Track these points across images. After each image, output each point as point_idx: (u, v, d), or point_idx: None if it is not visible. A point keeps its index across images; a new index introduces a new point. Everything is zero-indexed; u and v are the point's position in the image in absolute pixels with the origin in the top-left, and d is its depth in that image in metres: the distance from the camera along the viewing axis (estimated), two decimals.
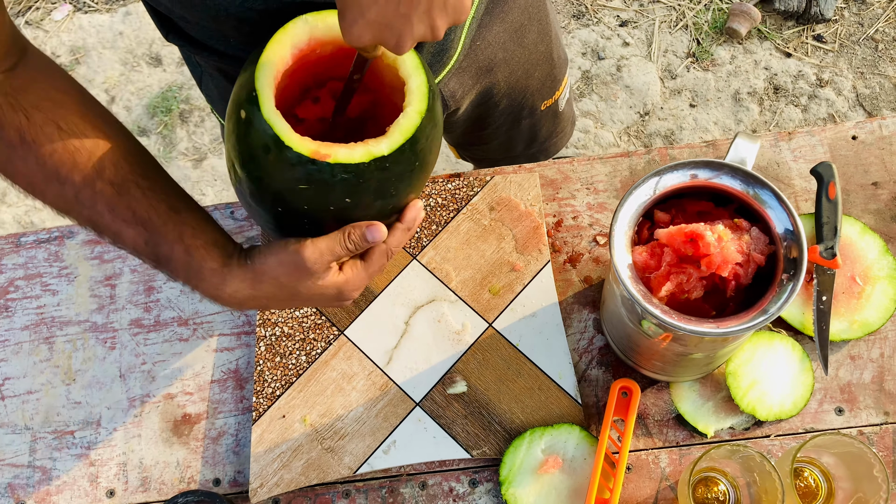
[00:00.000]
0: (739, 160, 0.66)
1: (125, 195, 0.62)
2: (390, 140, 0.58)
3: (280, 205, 0.60)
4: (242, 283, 0.64)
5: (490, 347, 0.82)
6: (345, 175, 0.57)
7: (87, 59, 2.18)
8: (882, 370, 0.79)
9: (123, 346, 0.86)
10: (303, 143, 0.56)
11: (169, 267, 0.64)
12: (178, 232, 0.63)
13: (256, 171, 0.58)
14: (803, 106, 2.00)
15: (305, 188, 0.58)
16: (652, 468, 0.78)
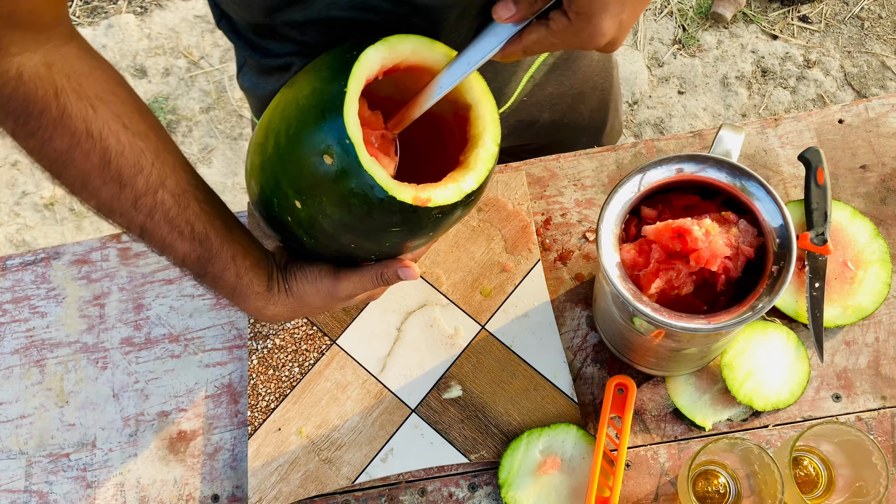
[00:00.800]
0: (724, 152, 0.66)
1: (185, 209, 0.61)
2: (476, 174, 0.59)
3: (354, 242, 0.60)
4: (283, 307, 0.67)
5: (483, 350, 0.82)
6: (439, 214, 0.58)
7: None
8: (878, 354, 0.79)
9: (115, 365, 0.85)
10: (403, 191, 0.56)
11: (215, 284, 0.65)
12: (231, 252, 0.63)
13: (337, 216, 0.57)
14: (792, 88, 2.00)
15: (398, 230, 0.58)
16: (651, 464, 0.77)
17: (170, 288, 0.87)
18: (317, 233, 0.59)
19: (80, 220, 2.03)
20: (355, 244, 0.60)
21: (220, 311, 0.86)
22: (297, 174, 0.56)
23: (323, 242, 0.61)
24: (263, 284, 0.65)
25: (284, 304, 0.67)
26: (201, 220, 0.62)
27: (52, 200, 2.04)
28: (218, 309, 0.86)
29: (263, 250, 0.67)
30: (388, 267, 0.65)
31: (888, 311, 0.80)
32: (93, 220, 2.03)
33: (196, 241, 0.62)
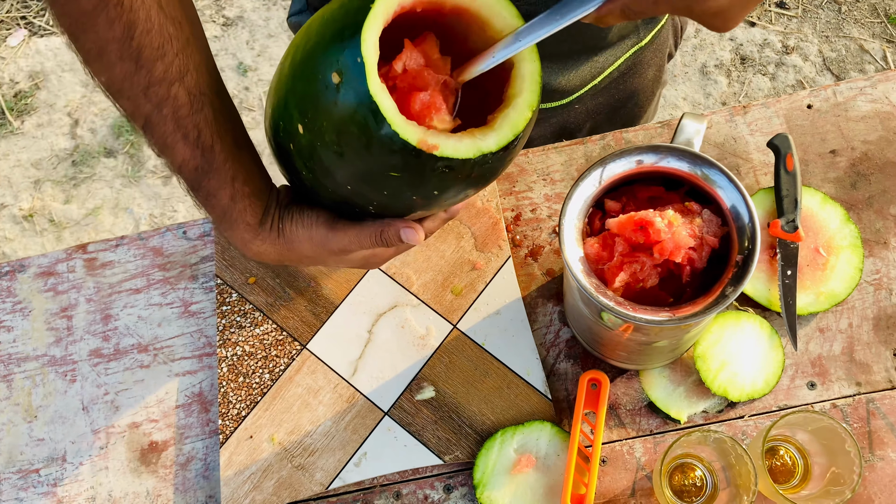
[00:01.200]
0: (686, 141, 0.65)
1: (197, 112, 0.56)
2: (499, 135, 0.53)
3: (351, 183, 0.55)
4: (271, 247, 0.63)
5: (456, 349, 0.81)
6: (445, 168, 0.52)
7: (46, 83, 2.15)
8: (851, 341, 0.78)
9: (84, 377, 0.84)
10: (409, 129, 0.50)
11: (206, 202, 0.60)
12: (233, 173, 0.59)
13: (335, 145, 0.52)
14: (771, 74, 1.99)
15: (397, 176, 0.52)
16: (627, 459, 0.76)
17: (137, 297, 0.86)
18: (315, 165, 0.55)
19: (60, 231, 2.01)
20: (352, 186, 0.55)
21: (189, 319, 0.85)
22: (304, 93, 0.52)
23: (321, 179, 0.56)
24: (257, 217, 0.61)
25: (273, 243, 0.63)
26: (211, 129, 0.57)
27: (31, 212, 2.03)
28: (186, 317, 0.85)
29: (268, 182, 0.63)
30: (390, 226, 0.60)
31: (861, 296, 0.79)
32: (73, 232, 2.01)
33: (199, 150, 0.57)
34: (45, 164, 2.08)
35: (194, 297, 0.86)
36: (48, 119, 2.12)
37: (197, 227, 0.88)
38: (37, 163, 2.09)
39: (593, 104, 0.91)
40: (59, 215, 2.04)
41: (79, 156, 2.08)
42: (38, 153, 2.09)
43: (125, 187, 2.05)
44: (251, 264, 0.84)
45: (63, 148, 2.10)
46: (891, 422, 0.75)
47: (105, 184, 2.05)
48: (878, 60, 1.98)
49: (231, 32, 2.18)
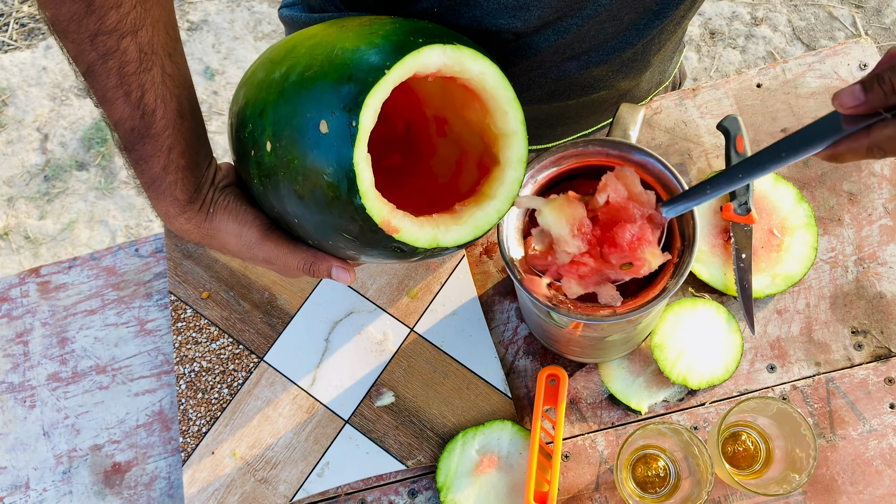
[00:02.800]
0: (623, 132, 0.64)
1: (145, 71, 0.53)
2: (461, 232, 0.54)
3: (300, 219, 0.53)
4: (195, 228, 0.60)
5: (414, 353, 0.80)
6: (399, 248, 0.52)
7: (13, 99, 2.13)
8: (809, 321, 0.77)
9: (44, 402, 0.83)
10: (377, 206, 0.50)
11: (137, 166, 0.57)
12: (171, 142, 0.56)
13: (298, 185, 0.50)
14: (741, 47, 1.98)
15: (349, 239, 0.52)
16: (590, 453, 0.76)
17: (93, 318, 0.85)
18: (270, 185, 0.53)
19: (37, 247, 2.00)
20: (300, 221, 0.54)
21: (146, 338, 0.84)
22: (286, 119, 0.50)
23: (270, 198, 0.54)
24: (187, 193, 0.58)
25: (198, 226, 0.60)
26: (156, 92, 0.54)
27: (5, 230, 2.01)
28: (143, 335, 0.84)
29: (207, 158, 0.60)
30: (323, 261, 0.58)
31: (817, 275, 0.79)
32: (50, 247, 2.00)
33: (139, 111, 0.54)
34: (17, 180, 2.07)
35: (150, 315, 0.85)
36: (17, 135, 2.11)
37: (149, 244, 0.87)
38: (9, 180, 2.07)
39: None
40: (35, 232, 2.03)
41: (51, 170, 2.07)
42: (9, 170, 2.07)
43: (99, 199, 2.03)
44: (204, 279, 0.84)
45: (34, 163, 2.08)
46: (850, 400, 0.74)
47: (79, 197, 2.04)
48: (847, 27, 1.96)
49: (196, 37, 2.16)
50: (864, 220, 0.80)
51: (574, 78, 0.70)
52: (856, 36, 1.96)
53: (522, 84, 0.66)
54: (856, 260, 0.78)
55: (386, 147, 0.64)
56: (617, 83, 0.73)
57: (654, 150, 0.83)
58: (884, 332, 0.76)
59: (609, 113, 0.81)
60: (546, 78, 0.69)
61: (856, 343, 0.76)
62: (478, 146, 0.60)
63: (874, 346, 0.76)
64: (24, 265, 1.98)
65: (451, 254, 0.57)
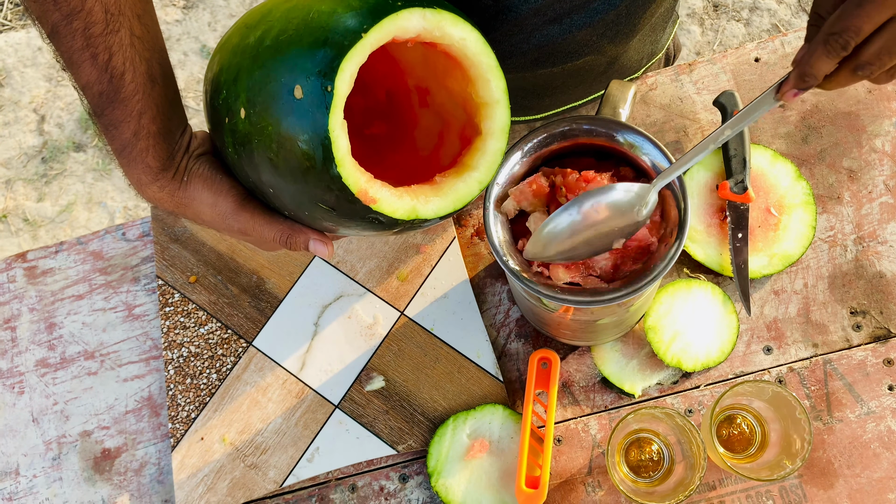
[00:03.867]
0: (612, 110, 0.62)
1: (112, 33, 0.52)
2: (440, 203, 0.53)
3: (275, 188, 0.51)
4: (168, 196, 0.58)
5: (404, 337, 0.79)
6: (377, 220, 0.51)
7: (9, 80, 2.11)
8: (807, 301, 0.76)
9: (32, 388, 0.83)
10: (354, 175, 0.48)
11: (107, 131, 0.55)
12: (142, 107, 0.54)
13: (272, 153, 0.49)
14: (745, 20, 1.94)
15: (325, 210, 0.50)
16: (582, 436, 0.75)
17: (81, 304, 0.84)
18: (245, 153, 0.51)
19: (36, 229, 1.99)
20: (275, 191, 0.52)
21: (134, 323, 0.83)
22: (260, 84, 0.49)
23: (244, 167, 0.53)
24: (159, 160, 0.56)
25: (171, 194, 0.57)
26: (124, 55, 0.52)
27: (4, 213, 2.01)
28: (131, 321, 0.83)
29: (181, 124, 0.58)
30: (301, 234, 0.56)
31: (815, 254, 0.77)
32: (49, 229, 1.99)
33: (107, 74, 0.52)
34: (14, 162, 2.06)
35: (137, 300, 0.84)
36: (14, 117, 2.09)
37: (136, 228, 0.86)
38: (6, 162, 2.06)
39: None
40: (34, 214, 2.02)
41: (48, 152, 2.05)
42: (6, 152, 2.06)
43: (97, 181, 2.02)
44: (191, 263, 0.82)
45: (31, 145, 2.07)
46: (848, 382, 0.73)
47: (77, 179, 2.03)
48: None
49: (192, 15, 2.13)
50: (865, 197, 0.78)
51: (557, 43, 0.68)
52: None
53: (505, 51, 0.64)
54: (855, 239, 0.77)
55: (367, 119, 0.62)
56: (603, 48, 0.71)
57: (650, 128, 0.82)
58: (883, 313, 0.74)
59: (598, 84, 0.79)
60: (528, 44, 0.67)
61: (854, 324, 0.74)
62: (460, 117, 0.58)
63: (873, 326, 0.74)
64: (23, 247, 1.97)
65: (433, 225, 0.56)
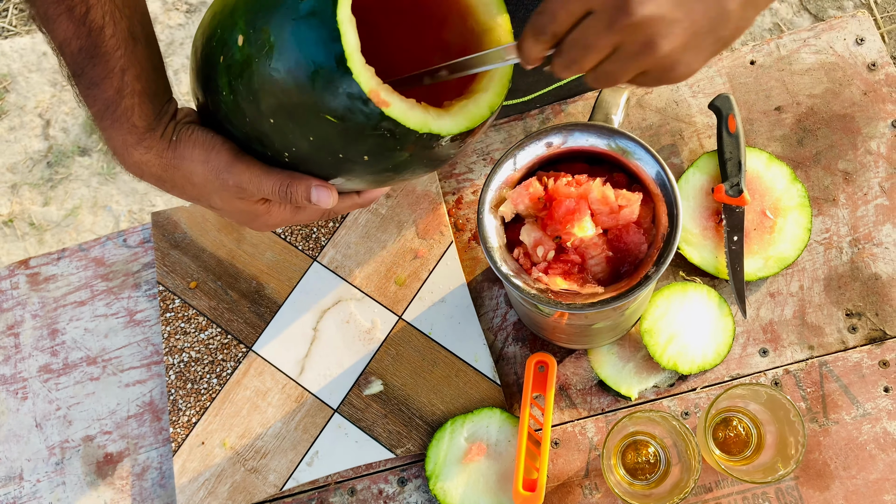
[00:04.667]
0: (604, 117, 0.63)
1: None
2: (453, 121, 0.49)
3: (276, 116, 0.49)
4: (156, 158, 0.54)
5: (402, 341, 0.79)
6: (387, 132, 0.47)
7: (14, 85, 2.13)
8: (803, 303, 0.76)
9: (35, 394, 0.84)
10: (366, 73, 0.45)
11: (88, 93, 0.53)
12: (124, 63, 0.52)
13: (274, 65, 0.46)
14: None
15: (332, 122, 0.47)
16: (580, 439, 0.75)
17: (83, 310, 0.85)
18: (242, 85, 0.49)
19: (42, 233, 2.01)
20: (276, 120, 0.49)
21: (135, 328, 0.84)
22: (261, 2, 0.47)
23: (241, 104, 0.50)
24: (146, 119, 0.53)
25: (159, 155, 0.54)
26: (103, 9, 0.50)
27: (10, 217, 2.02)
28: (132, 326, 0.84)
29: (166, 88, 0.55)
30: (301, 180, 0.52)
31: (811, 256, 0.77)
32: (55, 233, 2.01)
33: (85, 28, 0.50)
34: (20, 167, 2.07)
35: (138, 306, 0.85)
36: (20, 122, 2.11)
37: (136, 234, 0.87)
38: (12, 167, 2.07)
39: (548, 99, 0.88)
40: (39, 218, 2.03)
41: (53, 156, 2.07)
42: (12, 157, 2.08)
43: (102, 185, 2.04)
44: (192, 268, 0.83)
45: (37, 150, 2.08)
46: (844, 384, 0.73)
47: (82, 183, 2.04)
48: None
49: (195, 19, 2.14)
50: (860, 199, 0.78)
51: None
52: (864, 5, 1.91)
53: None
54: (850, 241, 0.77)
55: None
56: None
57: (646, 131, 0.82)
58: (879, 315, 0.75)
59: None
60: None
61: (850, 325, 0.75)
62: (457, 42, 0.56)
63: (869, 328, 0.74)
64: (29, 251, 1.99)
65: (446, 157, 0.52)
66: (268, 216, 0.57)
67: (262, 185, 0.53)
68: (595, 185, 0.60)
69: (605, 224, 0.60)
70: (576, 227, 0.58)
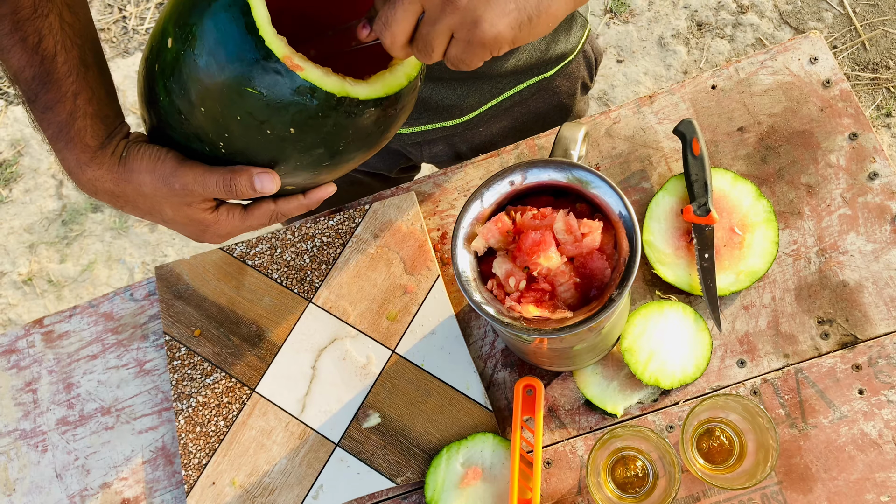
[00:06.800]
0: (564, 152, 0.67)
1: (41, 17, 0.53)
2: (370, 87, 0.53)
3: (206, 104, 0.52)
4: (108, 174, 0.58)
5: (397, 374, 0.83)
6: (307, 100, 0.50)
7: (28, 149, 2.21)
8: (776, 314, 0.79)
9: (55, 446, 0.88)
10: (277, 41, 0.49)
11: (42, 116, 0.56)
12: (76, 87, 0.55)
13: (196, 50, 0.50)
14: (729, 36, 1.99)
15: (254, 94, 0.50)
16: (570, 458, 0.79)
17: (95, 363, 0.90)
18: (174, 83, 0.53)
19: (60, 290, 2.07)
20: (205, 107, 0.52)
21: (145, 378, 0.89)
22: (184, 3, 0.52)
23: (176, 101, 0.53)
24: (98, 139, 0.57)
25: (111, 170, 0.58)
26: (55, 38, 0.53)
27: (29, 276, 2.09)
28: (142, 376, 0.89)
29: (117, 111, 0.59)
30: (242, 171, 0.55)
31: (780, 268, 0.80)
32: (72, 289, 2.07)
33: (38, 57, 0.53)
34: (37, 227, 2.15)
35: (147, 356, 0.89)
36: (34, 183, 2.19)
37: (142, 288, 0.92)
38: (29, 227, 2.15)
39: (497, 127, 0.92)
40: (57, 275, 2.10)
41: (67, 215, 2.14)
42: (29, 218, 2.15)
43: (115, 239, 2.10)
44: (195, 317, 0.88)
45: (52, 209, 2.16)
46: (820, 389, 0.76)
47: (96, 238, 2.11)
48: (834, 6, 1.96)
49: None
50: (824, 210, 0.81)
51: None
52: (844, 14, 1.95)
53: None
54: (817, 251, 0.80)
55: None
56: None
57: (615, 159, 0.86)
58: (849, 320, 0.78)
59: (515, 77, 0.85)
60: None
61: (822, 332, 0.78)
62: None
63: (840, 334, 0.77)
64: (48, 308, 2.05)
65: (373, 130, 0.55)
66: (217, 225, 0.61)
67: (206, 183, 0.56)
68: (559, 216, 0.64)
69: (570, 252, 0.64)
70: (542, 258, 0.62)
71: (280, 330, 0.87)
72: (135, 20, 2.26)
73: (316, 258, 0.88)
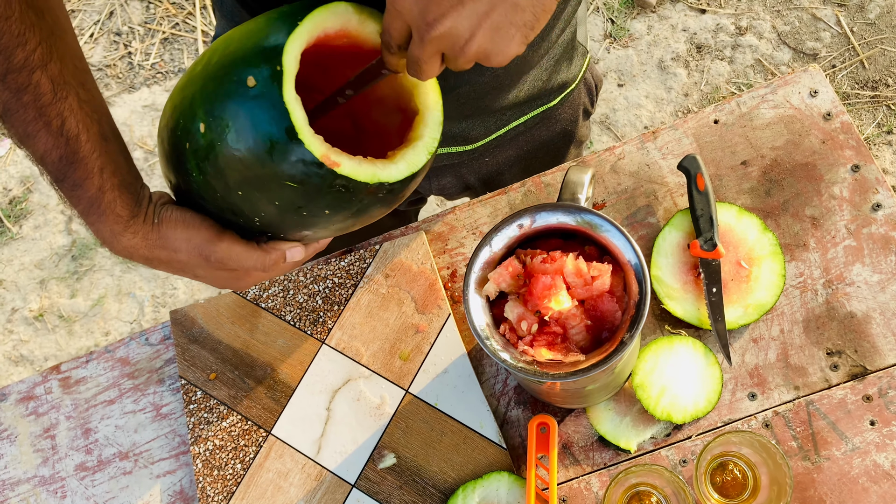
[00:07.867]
0: (571, 195, 0.68)
1: (61, 100, 0.55)
2: (397, 169, 0.57)
3: (243, 188, 0.55)
4: (142, 241, 0.61)
5: (411, 414, 0.84)
6: (342, 188, 0.54)
7: (37, 185, 2.24)
8: (785, 346, 0.80)
9: (74, 492, 0.89)
10: (315, 142, 0.53)
11: (72, 193, 0.59)
12: (101, 163, 0.58)
13: (236, 146, 0.53)
14: (729, 58, 2.00)
15: (293, 187, 0.54)
16: (585, 495, 0.79)
17: (112, 408, 0.91)
18: (209, 166, 0.55)
19: (71, 325, 2.09)
20: (244, 192, 0.56)
21: (162, 422, 0.90)
22: (215, 91, 0.54)
23: (211, 181, 0.56)
24: (128, 208, 0.59)
25: (146, 237, 0.60)
26: (76, 118, 0.56)
27: (40, 312, 2.11)
28: (159, 420, 0.90)
29: (137, 176, 0.61)
30: (275, 252, 0.62)
31: (788, 300, 0.81)
32: (83, 324, 2.09)
33: (63, 138, 0.56)
34: (47, 263, 2.16)
35: (164, 400, 0.90)
36: (44, 220, 2.21)
37: (157, 333, 0.93)
38: (39, 263, 2.17)
39: (503, 156, 0.94)
40: (68, 310, 2.11)
41: (77, 250, 2.16)
42: (38, 254, 2.17)
43: (125, 273, 2.12)
44: (210, 361, 0.89)
45: (61, 245, 2.18)
46: (831, 421, 0.76)
47: (105, 273, 2.13)
48: (832, 26, 1.98)
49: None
50: (829, 242, 0.82)
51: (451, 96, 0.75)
52: (842, 34, 1.97)
53: None
54: (824, 282, 0.81)
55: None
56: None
57: (621, 195, 0.87)
58: (857, 351, 0.78)
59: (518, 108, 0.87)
60: None
61: (831, 364, 0.78)
62: (395, 120, 0.63)
63: (850, 365, 0.78)
64: (60, 344, 2.07)
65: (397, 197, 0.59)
66: (247, 278, 0.65)
67: (242, 262, 0.61)
68: (569, 260, 0.65)
69: (581, 295, 0.65)
70: (552, 302, 0.63)
71: (294, 371, 0.88)
72: (140, 56, 2.29)
73: (328, 299, 0.90)
